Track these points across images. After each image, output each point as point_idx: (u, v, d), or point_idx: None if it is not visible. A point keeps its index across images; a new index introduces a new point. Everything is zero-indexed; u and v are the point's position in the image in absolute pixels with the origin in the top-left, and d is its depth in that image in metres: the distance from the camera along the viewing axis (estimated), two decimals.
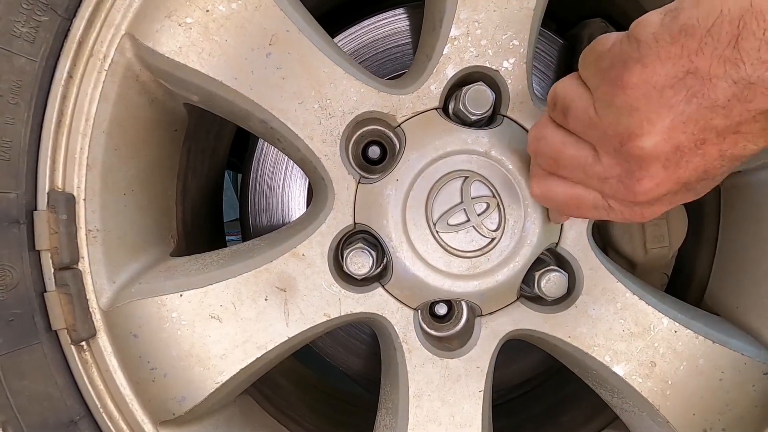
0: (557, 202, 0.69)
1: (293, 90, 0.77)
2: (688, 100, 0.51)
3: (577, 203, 0.67)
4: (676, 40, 0.50)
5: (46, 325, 0.78)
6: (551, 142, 0.65)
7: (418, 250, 0.79)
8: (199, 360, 0.80)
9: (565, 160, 0.64)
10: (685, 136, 0.53)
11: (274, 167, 1.18)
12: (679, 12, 0.50)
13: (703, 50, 0.49)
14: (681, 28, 0.50)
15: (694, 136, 0.53)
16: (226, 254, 0.86)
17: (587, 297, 0.83)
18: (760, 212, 0.92)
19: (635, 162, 0.56)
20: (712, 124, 0.51)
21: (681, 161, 0.55)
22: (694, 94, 0.51)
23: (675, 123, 0.52)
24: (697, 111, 0.51)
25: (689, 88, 0.51)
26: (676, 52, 0.50)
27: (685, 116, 0.52)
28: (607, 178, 0.60)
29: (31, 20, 0.73)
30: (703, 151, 0.54)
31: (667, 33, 0.51)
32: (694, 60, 0.50)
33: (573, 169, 0.64)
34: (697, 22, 0.49)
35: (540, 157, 0.68)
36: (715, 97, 0.50)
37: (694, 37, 0.49)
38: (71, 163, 0.78)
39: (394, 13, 1.11)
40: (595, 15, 1.13)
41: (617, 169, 0.59)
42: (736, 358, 0.85)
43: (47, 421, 0.78)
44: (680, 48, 0.50)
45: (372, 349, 1.22)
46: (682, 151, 0.54)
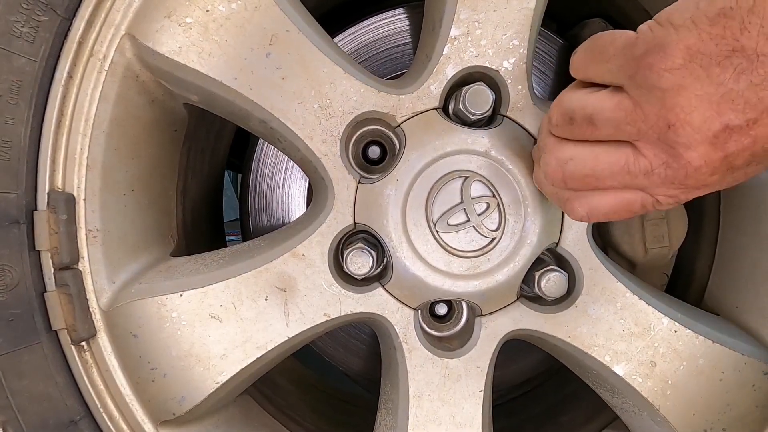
0: (605, 215, 0.66)
1: (293, 90, 0.77)
2: (737, 78, 0.50)
3: (626, 208, 0.64)
4: (716, 22, 0.50)
5: (46, 325, 0.78)
6: (582, 160, 0.62)
7: (418, 250, 0.79)
8: (199, 360, 0.80)
9: (604, 171, 0.61)
10: (734, 114, 0.52)
11: (274, 167, 1.18)
12: None
13: (747, 29, 0.48)
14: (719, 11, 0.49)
15: (744, 114, 0.51)
16: (226, 254, 0.86)
17: (587, 297, 0.83)
18: (760, 212, 0.92)
19: (683, 143, 0.54)
20: (764, 102, 0.50)
21: (730, 140, 0.53)
22: (742, 71, 0.50)
23: (725, 99, 0.51)
24: (747, 87, 0.50)
25: (737, 65, 0.50)
26: (718, 33, 0.50)
27: (735, 93, 0.51)
28: (654, 168, 0.58)
29: (30, 20, 0.73)
30: (755, 132, 0.52)
31: (704, 16, 0.50)
32: (739, 39, 0.49)
33: (614, 176, 0.61)
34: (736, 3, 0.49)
35: (573, 180, 0.64)
36: (766, 73, 0.49)
37: (734, 18, 0.49)
38: (71, 163, 0.78)
39: (394, 13, 1.11)
40: (595, 15, 1.13)
41: (663, 156, 0.57)
42: (736, 358, 0.85)
43: (47, 421, 0.78)
44: (722, 29, 0.49)
45: (372, 349, 1.22)
46: (732, 129, 0.52)
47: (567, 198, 0.68)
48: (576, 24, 1.16)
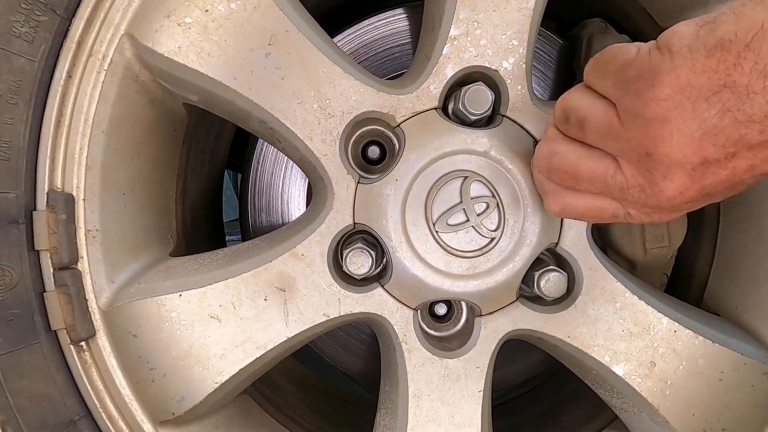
0: (577, 215, 0.69)
1: (292, 90, 0.77)
2: (722, 114, 0.50)
3: (597, 214, 0.66)
4: (711, 54, 0.49)
5: (45, 325, 0.78)
6: (566, 157, 0.64)
7: (418, 250, 0.79)
8: (199, 360, 0.80)
9: (583, 173, 0.63)
10: (714, 149, 0.52)
11: (274, 167, 1.18)
12: (716, 25, 0.50)
13: (741, 65, 0.48)
14: (718, 43, 0.49)
15: (724, 149, 0.52)
16: (226, 254, 0.86)
17: (587, 297, 0.83)
18: (760, 212, 0.92)
19: (660, 171, 0.56)
20: (745, 139, 0.51)
21: (707, 172, 0.54)
22: (729, 108, 0.50)
23: (706, 135, 0.52)
24: (730, 125, 0.50)
25: (725, 102, 0.50)
26: (712, 66, 0.50)
27: (717, 129, 0.51)
28: (629, 188, 0.60)
29: (30, 20, 0.73)
30: (733, 165, 0.53)
31: (702, 46, 0.50)
32: (731, 74, 0.49)
33: (592, 181, 0.63)
34: (735, 37, 0.48)
35: (555, 173, 0.67)
36: (752, 112, 0.49)
37: (731, 51, 0.49)
38: (70, 163, 0.78)
39: (394, 13, 1.11)
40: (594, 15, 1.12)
41: (640, 179, 0.58)
42: (736, 358, 0.84)
43: (47, 421, 0.78)
44: (716, 62, 0.49)
45: (372, 349, 1.22)
46: (709, 163, 0.53)
47: (547, 191, 0.71)
48: (576, 24, 1.16)
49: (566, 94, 0.64)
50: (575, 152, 0.63)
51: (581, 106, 0.61)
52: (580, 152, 0.63)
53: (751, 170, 0.53)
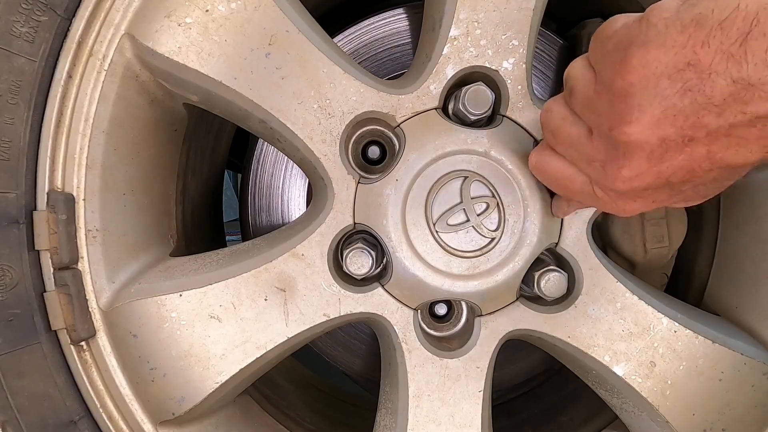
0: (548, 176, 0.71)
1: (292, 90, 0.77)
2: (683, 93, 0.50)
3: (565, 182, 0.68)
4: (685, 29, 0.49)
5: (45, 325, 0.78)
6: (555, 115, 0.66)
7: (418, 250, 0.79)
8: (199, 360, 0.80)
9: (561, 135, 0.65)
10: (673, 130, 0.52)
11: (274, 167, 1.18)
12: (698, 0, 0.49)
13: (709, 43, 0.48)
14: (694, 18, 0.49)
15: (682, 131, 0.52)
16: (226, 254, 0.86)
17: (587, 297, 0.83)
18: (760, 212, 0.92)
19: (621, 149, 0.56)
20: (702, 122, 0.50)
21: (665, 155, 0.54)
22: (690, 87, 0.50)
23: (665, 114, 0.52)
24: (689, 105, 0.50)
25: (686, 81, 0.50)
26: (681, 42, 0.49)
27: (677, 109, 0.51)
28: (594, 160, 0.61)
29: (30, 20, 0.73)
30: (690, 149, 0.53)
31: (678, 21, 0.50)
32: (697, 52, 0.48)
33: (567, 146, 0.65)
34: (711, 14, 0.48)
35: (544, 129, 0.69)
36: (711, 93, 0.49)
37: (703, 28, 0.48)
38: (71, 163, 0.78)
39: (394, 13, 1.10)
40: (595, 15, 1.13)
41: (603, 153, 0.59)
42: (736, 358, 0.85)
43: (47, 421, 0.78)
44: (687, 38, 0.49)
45: (372, 349, 1.22)
46: (667, 145, 0.53)
47: (539, 146, 0.73)
48: (576, 24, 1.16)
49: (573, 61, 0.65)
50: (563, 114, 0.65)
51: (575, 74, 0.62)
52: (566, 115, 0.64)
53: (708, 158, 0.53)
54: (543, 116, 0.69)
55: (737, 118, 0.49)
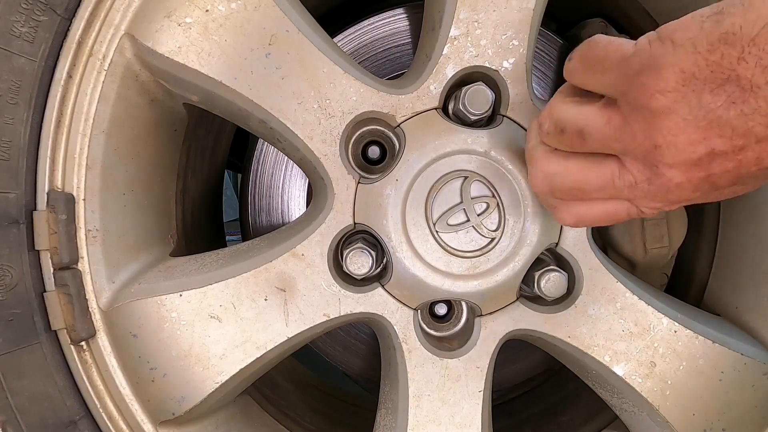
0: (592, 223, 0.68)
1: (292, 90, 0.77)
2: (728, 106, 0.50)
3: (612, 217, 0.65)
4: (715, 48, 0.49)
5: (45, 325, 0.78)
6: (568, 174, 0.63)
7: (418, 250, 0.79)
8: (199, 360, 0.80)
9: (590, 184, 0.62)
10: (721, 141, 0.52)
11: (274, 167, 1.18)
12: (723, 17, 0.49)
13: (745, 59, 0.48)
14: (721, 37, 0.49)
15: (732, 141, 0.52)
16: (226, 254, 0.86)
17: (587, 297, 0.83)
18: (760, 212, 0.92)
19: (666, 162, 0.55)
20: (752, 131, 0.51)
21: (713, 163, 0.54)
22: (734, 100, 0.50)
23: (712, 126, 0.51)
24: (736, 117, 0.50)
25: (729, 94, 0.50)
26: (715, 60, 0.49)
27: (723, 121, 0.51)
28: (638, 183, 0.59)
29: (30, 20, 0.73)
30: (741, 156, 0.53)
31: (705, 39, 0.50)
32: (735, 68, 0.49)
33: (600, 189, 0.62)
34: (740, 30, 0.48)
35: (559, 192, 0.66)
36: (757, 105, 0.49)
37: (734, 46, 0.48)
38: (71, 163, 0.78)
39: (394, 13, 1.11)
40: (595, 15, 1.13)
41: (647, 172, 0.58)
42: (736, 358, 0.85)
43: (47, 421, 0.78)
44: (720, 56, 0.49)
45: (372, 349, 1.22)
46: (716, 154, 0.53)
47: (555, 206, 0.70)
48: (576, 24, 1.16)
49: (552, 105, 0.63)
50: (576, 166, 0.63)
51: (578, 115, 0.60)
52: (581, 165, 0.62)
53: (757, 162, 0.53)
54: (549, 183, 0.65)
55: None
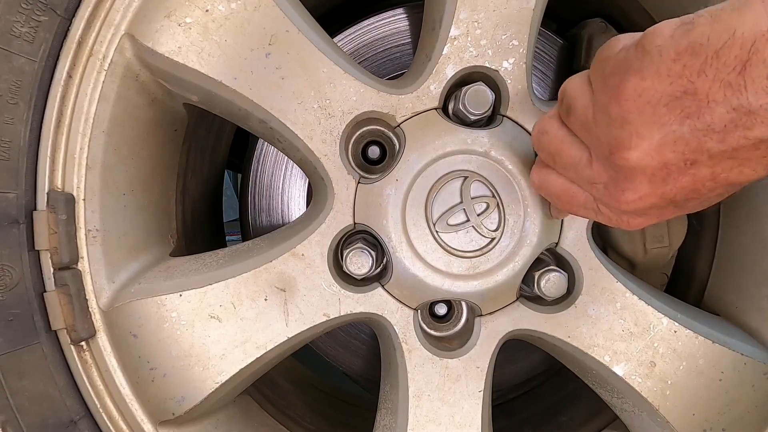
0: (551, 194, 0.70)
1: (292, 90, 0.77)
2: (681, 120, 0.50)
3: (568, 199, 0.67)
4: (679, 58, 0.48)
5: (45, 325, 0.78)
6: (552, 138, 0.65)
7: (418, 250, 0.79)
8: (199, 360, 0.80)
9: (561, 158, 0.64)
10: (674, 155, 0.52)
11: (274, 167, 1.18)
12: (693, 27, 0.48)
13: (705, 72, 0.47)
14: (688, 46, 0.48)
15: (683, 155, 0.52)
16: (226, 254, 0.86)
17: (587, 297, 0.83)
18: (760, 212, 0.92)
19: (622, 172, 0.56)
20: (704, 147, 0.50)
21: (668, 178, 0.54)
22: (689, 114, 0.49)
23: (665, 140, 0.51)
24: (689, 132, 0.50)
25: (684, 108, 0.49)
26: (677, 71, 0.49)
27: (676, 135, 0.51)
28: (596, 183, 0.60)
29: (30, 20, 0.73)
30: (693, 172, 0.53)
31: (672, 48, 0.49)
32: (694, 81, 0.48)
33: (567, 167, 0.64)
34: (707, 41, 0.47)
35: (541, 150, 0.68)
36: (711, 120, 0.48)
37: (699, 56, 0.47)
38: (71, 163, 0.78)
39: (394, 13, 1.11)
40: (595, 15, 1.13)
41: (605, 176, 0.59)
42: (736, 358, 0.85)
43: (47, 421, 0.78)
44: (682, 67, 0.48)
45: (372, 349, 1.22)
46: (669, 169, 0.53)
47: (536, 162, 0.72)
48: (576, 24, 1.16)
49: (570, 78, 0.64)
50: (561, 135, 0.64)
51: (573, 92, 0.61)
52: (564, 137, 0.63)
53: (713, 178, 0.53)
54: (538, 138, 0.67)
55: (740, 142, 0.49)
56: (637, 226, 0.64)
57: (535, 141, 0.69)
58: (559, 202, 0.70)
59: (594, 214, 0.65)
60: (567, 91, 0.62)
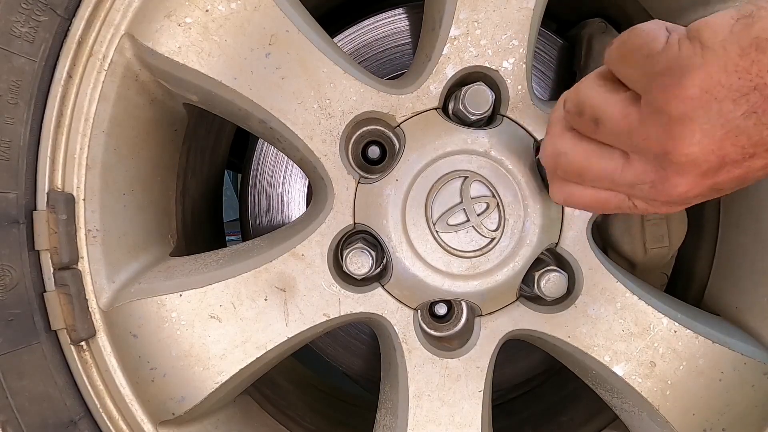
0: (580, 206, 0.67)
1: (292, 90, 0.77)
2: (747, 115, 0.49)
3: (601, 206, 0.65)
4: (746, 53, 0.48)
5: (45, 325, 0.78)
6: (575, 157, 0.62)
7: (418, 250, 0.79)
8: (199, 360, 0.80)
9: (592, 173, 0.62)
10: (734, 149, 0.51)
11: (274, 167, 1.18)
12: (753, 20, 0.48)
13: None
14: (753, 41, 0.47)
15: (743, 149, 0.51)
16: (226, 254, 0.86)
17: (587, 297, 0.83)
18: (760, 212, 0.92)
19: (674, 168, 0.54)
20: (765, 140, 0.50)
21: (722, 170, 0.53)
22: (755, 109, 0.49)
23: (727, 135, 0.50)
24: (753, 126, 0.49)
25: (752, 103, 0.49)
26: (744, 66, 0.48)
27: (740, 130, 0.50)
28: (639, 183, 0.58)
29: (30, 20, 0.73)
30: (749, 164, 0.52)
31: (736, 43, 0.48)
32: (764, 76, 0.47)
33: (600, 179, 0.62)
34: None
35: (560, 171, 0.65)
36: None
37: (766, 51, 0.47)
38: (71, 163, 0.78)
39: (394, 13, 1.11)
40: (595, 15, 1.13)
41: (652, 175, 0.57)
42: (736, 358, 0.85)
43: (47, 421, 0.78)
44: (750, 62, 0.47)
45: (372, 349, 1.22)
46: (725, 161, 0.52)
47: (552, 180, 0.69)
48: (576, 24, 1.16)
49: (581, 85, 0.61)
50: (584, 152, 0.61)
51: (599, 102, 0.58)
52: (589, 151, 0.61)
53: (763, 168, 0.53)
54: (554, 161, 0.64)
55: None
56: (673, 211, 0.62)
57: (550, 164, 0.66)
58: (588, 210, 0.68)
59: (628, 209, 0.63)
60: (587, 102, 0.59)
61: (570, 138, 0.63)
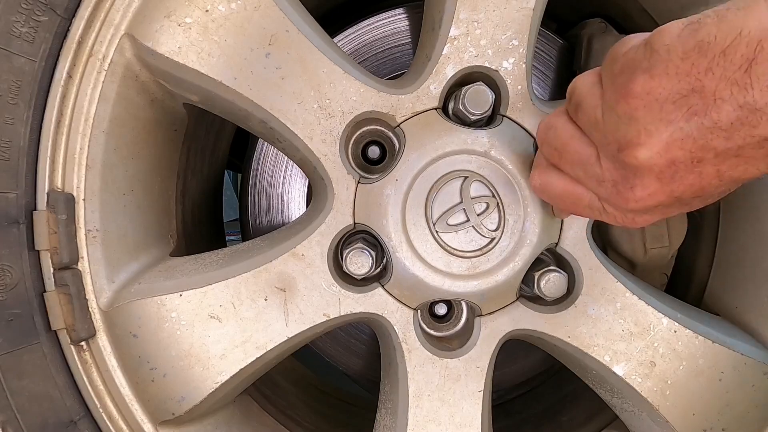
0: (554, 196, 0.70)
1: (292, 90, 0.77)
2: (689, 118, 0.50)
3: (573, 200, 0.67)
4: (687, 56, 0.49)
5: (45, 325, 0.78)
6: (560, 133, 0.65)
7: (418, 250, 0.79)
8: (199, 360, 0.80)
9: (568, 154, 0.64)
10: (681, 153, 0.52)
11: (274, 167, 1.18)
12: (700, 26, 0.49)
13: (712, 70, 0.48)
14: (696, 45, 0.49)
15: (691, 153, 0.52)
16: (226, 254, 0.86)
17: (587, 297, 0.83)
18: (760, 212, 0.92)
19: (630, 170, 0.56)
20: (711, 145, 0.51)
21: (675, 176, 0.55)
22: (695, 112, 0.50)
23: (672, 138, 0.52)
24: (696, 130, 0.51)
25: (691, 105, 0.50)
26: (684, 69, 0.49)
27: (684, 133, 0.51)
28: (604, 181, 0.60)
29: (30, 20, 0.73)
30: (700, 170, 0.53)
31: (680, 47, 0.50)
32: (701, 79, 0.49)
33: (574, 164, 0.64)
34: (714, 40, 0.48)
35: (546, 146, 0.68)
36: (717, 118, 0.49)
37: (706, 55, 0.48)
38: (71, 163, 0.78)
39: (394, 13, 1.11)
40: (595, 15, 1.13)
41: (614, 174, 0.59)
42: (736, 358, 0.85)
43: (47, 421, 0.78)
44: (690, 65, 0.49)
45: (372, 349, 1.22)
46: (676, 167, 0.54)
47: (537, 164, 0.72)
48: (576, 24, 1.16)
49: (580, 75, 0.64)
50: (569, 131, 0.64)
51: (582, 90, 0.61)
52: (573, 132, 0.63)
53: (718, 176, 0.53)
54: (545, 132, 0.67)
55: (745, 140, 0.49)
56: (642, 224, 0.64)
57: (541, 136, 0.68)
58: (562, 204, 0.70)
59: (599, 214, 0.65)
60: (576, 88, 0.62)
61: (564, 118, 0.65)
